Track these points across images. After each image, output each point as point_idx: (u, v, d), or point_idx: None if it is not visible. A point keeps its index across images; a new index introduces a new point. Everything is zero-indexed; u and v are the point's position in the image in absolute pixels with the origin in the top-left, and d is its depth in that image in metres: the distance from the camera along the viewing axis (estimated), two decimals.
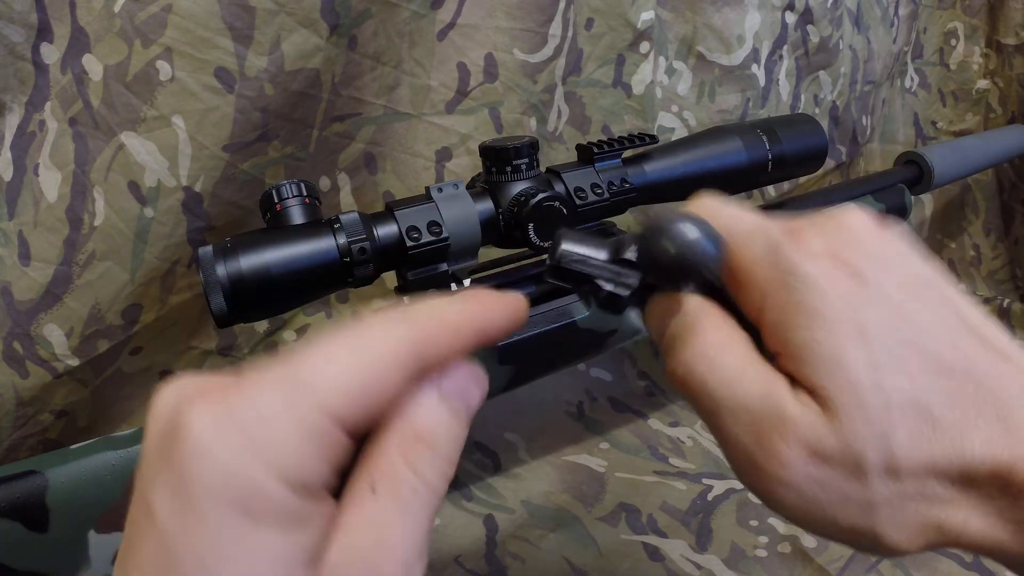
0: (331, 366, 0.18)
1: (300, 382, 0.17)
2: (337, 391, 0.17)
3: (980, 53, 0.94)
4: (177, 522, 0.16)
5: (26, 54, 0.47)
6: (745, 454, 0.22)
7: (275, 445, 0.16)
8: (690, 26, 0.66)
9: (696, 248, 0.21)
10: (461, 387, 0.21)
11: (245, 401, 0.17)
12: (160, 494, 0.16)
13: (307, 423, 0.17)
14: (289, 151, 0.52)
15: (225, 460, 0.16)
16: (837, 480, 0.20)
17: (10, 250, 0.48)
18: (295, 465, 0.16)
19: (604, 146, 0.46)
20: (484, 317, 0.22)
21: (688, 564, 0.49)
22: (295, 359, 0.18)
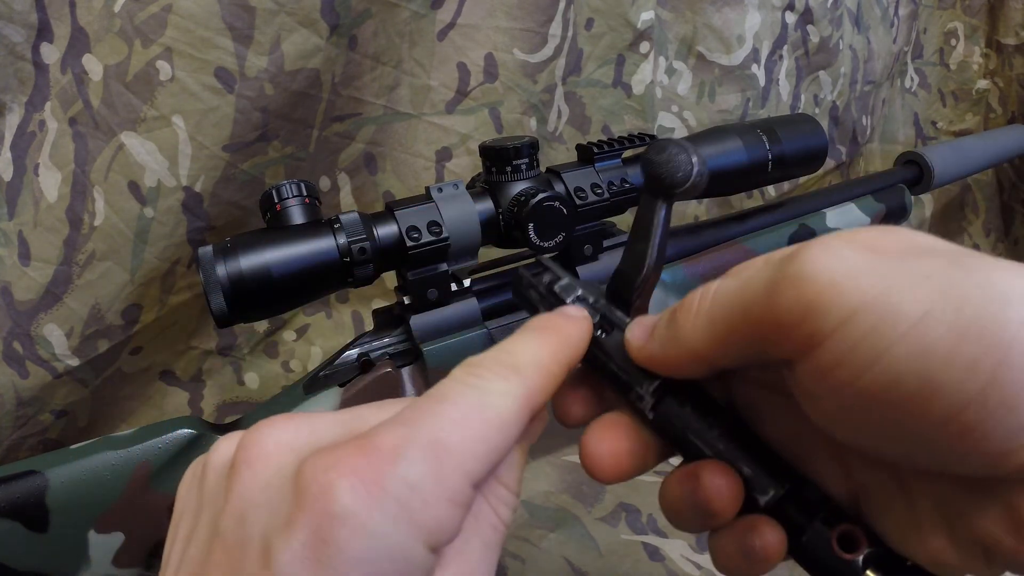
0: (467, 431, 0.18)
1: (443, 449, 0.18)
2: (476, 458, 0.18)
3: (980, 53, 0.94)
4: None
5: (26, 54, 0.47)
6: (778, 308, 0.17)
7: (424, 512, 0.17)
8: (690, 26, 0.66)
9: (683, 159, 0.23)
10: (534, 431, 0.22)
11: (394, 471, 0.17)
12: (293, 550, 0.16)
13: (453, 490, 0.18)
14: (289, 151, 0.52)
15: (380, 531, 0.16)
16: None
17: (10, 250, 0.48)
18: (441, 528, 0.17)
19: (604, 146, 0.46)
20: (569, 355, 0.23)
21: (688, 564, 0.49)
22: (428, 417, 0.19)
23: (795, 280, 0.17)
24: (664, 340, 0.21)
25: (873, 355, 0.15)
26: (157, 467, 0.38)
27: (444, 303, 0.43)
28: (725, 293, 0.19)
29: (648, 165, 0.24)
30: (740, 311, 0.18)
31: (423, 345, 0.42)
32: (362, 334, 0.44)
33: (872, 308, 0.15)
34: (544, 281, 0.27)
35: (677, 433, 0.22)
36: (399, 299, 0.45)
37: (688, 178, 0.24)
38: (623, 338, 0.24)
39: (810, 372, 0.17)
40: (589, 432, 0.23)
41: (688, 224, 0.52)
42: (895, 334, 0.15)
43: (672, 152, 0.24)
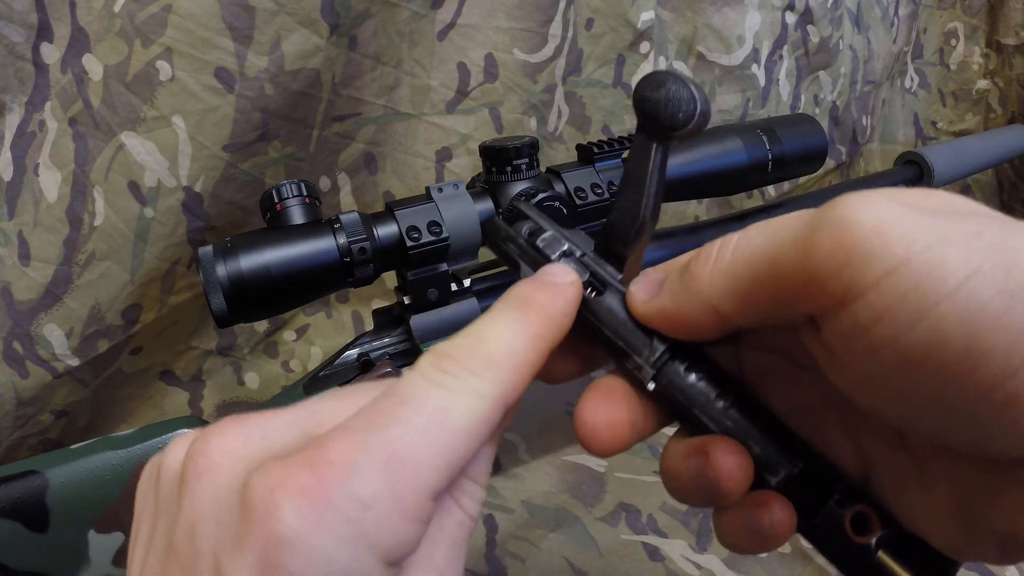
0: (430, 442, 0.17)
1: (400, 463, 0.16)
2: (438, 471, 0.17)
3: (980, 53, 0.94)
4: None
5: (26, 54, 0.47)
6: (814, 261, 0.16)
7: (379, 531, 0.16)
8: (690, 26, 0.66)
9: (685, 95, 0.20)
10: (508, 421, 0.21)
11: (345, 488, 0.16)
12: (243, 572, 0.15)
13: (411, 507, 0.16)
14: (289, 151, 0.52)
15: (330, 554, 0.15)
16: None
17: (10, 250, 0.48)
18: (398, 545, 0.16)
19: (604, 146, 0.46)
20: (552, 336, 0.20)
21: (688, 564, 0.49)
22: (387, 424, 0.17)
23: (836, 225, 0.15)
24: (676, 293, 0.19)
25: (918, 312, 0.14)
26: None
27: (444, 303, 0.43)
28: (751, 241, 0.17)
29: (644, 103, 0.21)
30: (768, 260, 0.17)
31: (423, 345, 0.42)
32: (362, 334, 0.44)
33: (919, 261, 0.14)
34: (524, 232, 0.24)
35: (680, 407, 0.21)
36: (399, 299, 0.45)
37: (691, 118, 0.20)
38: (620, 298, 0.21)
39: (843, 329, 0.15)
40: (582, 403, 0.21)
41: (688, 224, 0.52)
42: (943, 291, 0.14)
43: (672, 88, 0.20)
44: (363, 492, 0.16)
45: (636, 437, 0.21)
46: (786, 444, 0.20)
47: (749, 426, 0.20)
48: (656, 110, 0.20)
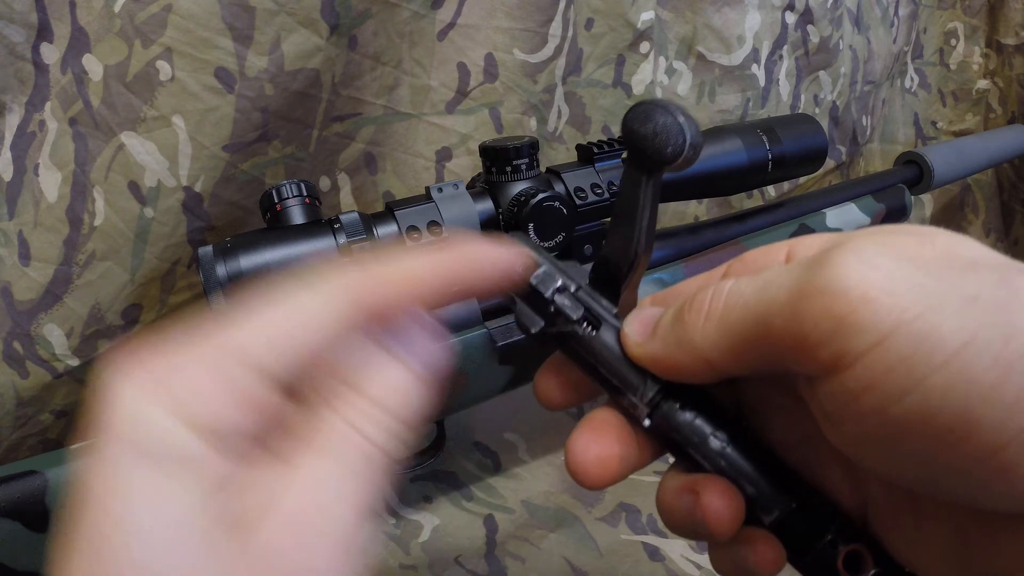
0: (258, 321, 0.17)
1: (224, 337, 0.16)
2: (260, 344, 0.16)
3: (980, 53, 0.94)
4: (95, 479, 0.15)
5: (26, 54, 0.47)
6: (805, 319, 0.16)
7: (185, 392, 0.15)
8: (690, 26, 0.66)
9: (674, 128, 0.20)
10: (416, 343, 0.19)
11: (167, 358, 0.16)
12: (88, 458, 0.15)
13: (223, 373, 0.16)
14: (289, 151, 0.52)
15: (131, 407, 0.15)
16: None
17: (10, 250, 0.48)
18: (205, 412, 0.15)
19: (604, 146, 0.46)
20: (458, 269, 0.19)
21: (688, 564, 0.49)
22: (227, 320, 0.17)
23: (825, 292, 0.15)
24: (669, 341, 0.19)
25: (907, 384, 0.14)
26: None
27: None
28: (741, 296, 0.17)
29: (632, 137, 0.21)
30: (758, 319, 0.16)
31: None
32: None
33: (910, 331, 0.14)
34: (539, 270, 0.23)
35: (675, 444, 0.21)
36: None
37: (680, 152, 0.20)
38: (615, 334, 0.21)
39: (834, 394, 0.15)
40: (574, 438, 0.21)
41: (688, 224, 0.52)
42: (934, 362, 0.14)
43: (660, 121, 0.20)
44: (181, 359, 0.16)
45: (627, 471, 0.21)
46: (781, 482, 0.20)
47: (744, 466, 0.20)
48: (645, 144, 0.20)
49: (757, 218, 0.53)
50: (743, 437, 0.20)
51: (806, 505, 0.19)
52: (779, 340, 0.16)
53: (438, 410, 0.44)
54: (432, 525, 0.52)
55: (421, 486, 0.56)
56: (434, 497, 0.55)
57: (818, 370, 0.15)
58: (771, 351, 0.16)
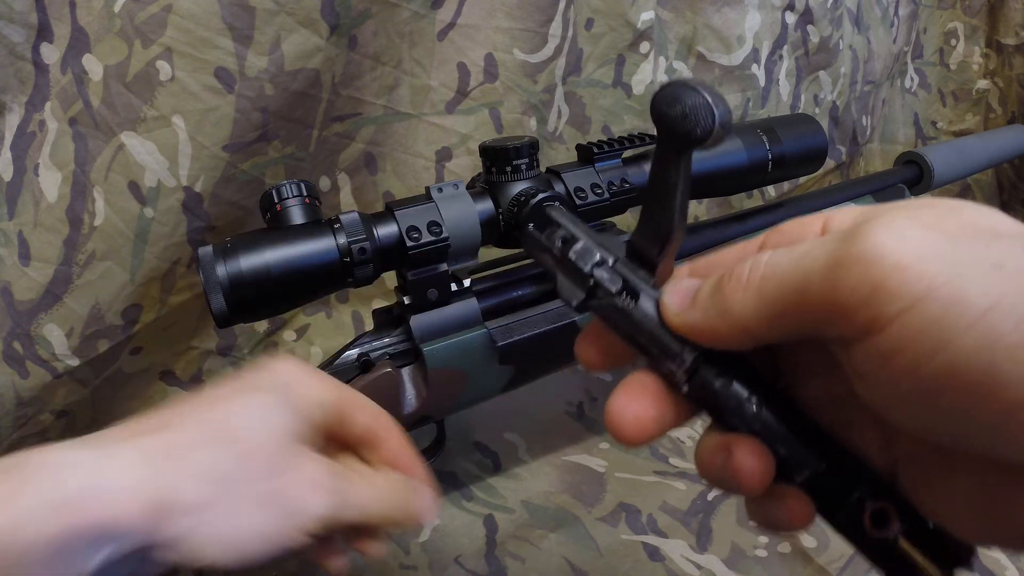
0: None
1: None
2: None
3: (980, 53, 0.94)
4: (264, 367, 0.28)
5: (26, 54, 0.47)
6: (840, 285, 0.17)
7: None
8: (690, 26, 0.66)
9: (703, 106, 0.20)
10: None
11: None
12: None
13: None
14: (289, 151, 0.52)
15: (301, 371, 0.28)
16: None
17: (10, 250, 0.48)
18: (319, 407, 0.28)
19: (604, 146, 0.46)
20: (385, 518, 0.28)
21: (688, 564, 0.49)
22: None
23: (860, 260, 0.16)
24: (708, 311, 0.20)
25: (937, 344, 0.15)
26: None
27: (444, 303, 0.43)
28: (779, 267, 0.18)
29: (664, 120, 0.21)
30: (796, 288, 0.17)
31: (423, 345, 0.42)
32: (362, 334, 0.44)
33: (939, 295, 0.15)
34: (557, 243, 0.24)
35: (711, 408, 0.21)
36: (399, 299, 0.45)
37: (710, 131, 0.20)
38: (654, 304, 0.22)
39: (868, 355, 0.16)
40: (613, 398, 0.22)
41: (688, 224, 0.52)
42: (962, 324, 0.15)
43: (688, 102, 0.20)
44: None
45: (663, 430, 0.22)
46: (812, 443, 0.20)
47: (776, 428, 0.20)
48: (675, 126, 0.21)
49: (757, 218, 0.53)
50: (777, 400, 0.21)
51: (835, 465, 0.20)
52: (816, 306, 0.17)
53: (439, 410, 0.44)
54: (432, 525, 0.52)
55: None
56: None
57: (854, 333, 0.16)
58: (808, 318, 0.17)
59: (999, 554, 0.49)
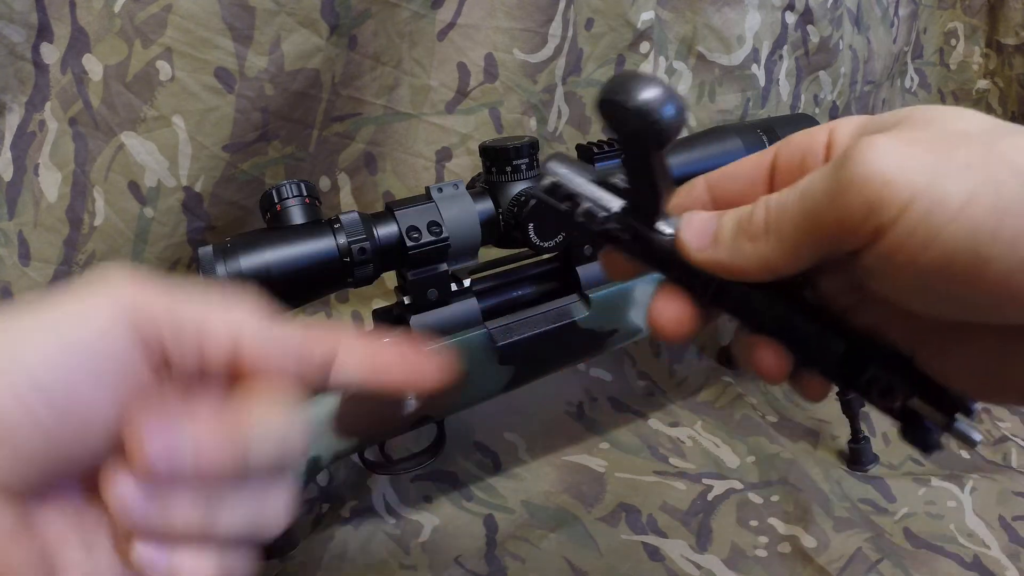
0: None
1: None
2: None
3: (980, 53, 0.94)
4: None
5: (26, 54, 0.47)
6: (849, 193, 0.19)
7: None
8: (690, 26, 0.66)
9: (656, 105, 0.21)
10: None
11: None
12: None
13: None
14: (289, 151, 0.52)
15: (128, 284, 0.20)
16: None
17: (10, 250, 0.48)
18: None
19: (604, 146, 0.46)
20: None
21: (688, 564, 0.49)
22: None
23: (853, 183, 0.19)
24: (732, 252, 0.22)
25: (928, 237, 0.18)
26: None
27: (444, 303, 0.43)
28: (789, 207, 0.21)
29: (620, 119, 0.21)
30: (807, 222, 0.20)
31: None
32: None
33: (923, 198, 0.18)
34: (561, 204, 0.25)
35: (736, 316, 0.24)
36: (399, 299, 0.45)
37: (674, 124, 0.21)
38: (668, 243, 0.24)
39: (875, 257, 0.19)
40: (654, 302, 0.25)
41: None
42: (945, 217, 0.18)
43: (645, 97, 0.21)
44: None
45: (700, 326, 0.25)
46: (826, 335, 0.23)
47: (793, 327, 0.23)
48: (636, 125, 0.21)
49: None
50: (792, 300, 0.24)
51: (849, 349, 0.23)
52: (827, 230, 0.20)
53: (439, 410, 0.44)
54: (432, 525, 0.52)
55: (421, 486, 0.56)
56: (434, 497, 0.55)
57: (862, 243, 0.19)
58: (822, 241, 0.20)
59: (999, 553, 0.49)
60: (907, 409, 0.23)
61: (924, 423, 0.23)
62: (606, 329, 0.47)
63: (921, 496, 0.54)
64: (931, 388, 0.23)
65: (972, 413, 0.22)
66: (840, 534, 0.50)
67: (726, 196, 0.25)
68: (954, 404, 0.22)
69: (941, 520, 0.52)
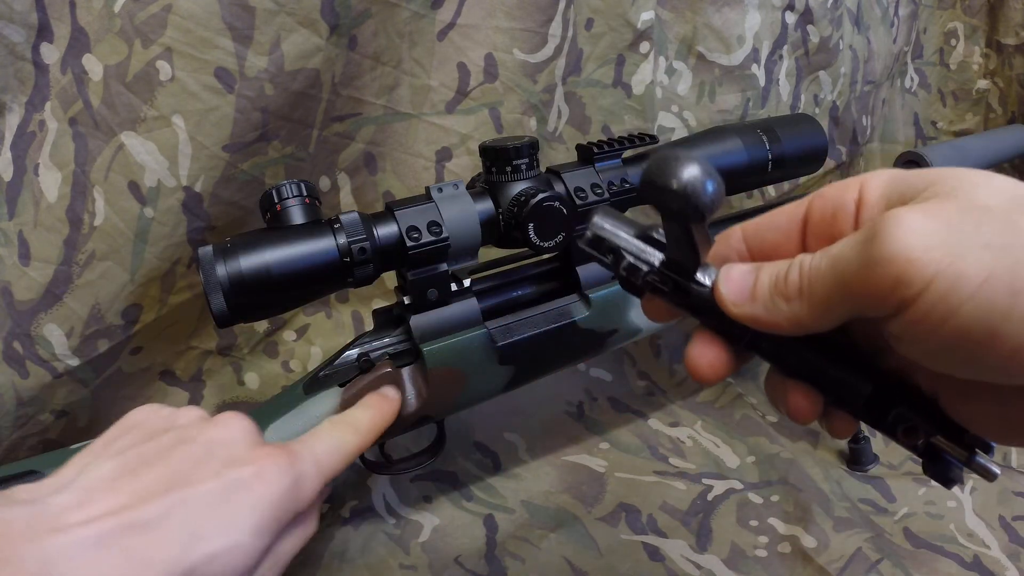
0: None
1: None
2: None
3: (980, 53, 0.94)
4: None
5: (26, 54, 0.47)
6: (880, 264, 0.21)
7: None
8: (690, 26, 0.66)
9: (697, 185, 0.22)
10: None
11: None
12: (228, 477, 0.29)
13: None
14: (289, 151, 0.52)
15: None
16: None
17: (10, 250, 0.48)
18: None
19: (604, 146, 0.46)
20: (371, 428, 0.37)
21: (688, 564, 0.49)
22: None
23: (880, 261, 0.20)
24: (769, 308, 0.24)
25: (948, 312, 0.19)
26: None
27: (444, 303, 0.43)
28: (821, 272, 0.23)
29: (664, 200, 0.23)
30: (837, 284, 0.22)
31: (423, 345, 0.42)
32: (362, 334, 0.44)
33: (945, 276, 0.19)
34: (605, 257, 0.27)
35: (770, 360, 0.26)
36: (399, 299, 0.45)
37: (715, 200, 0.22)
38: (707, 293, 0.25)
39: (900, 325, 0.21)
40: (691, 345, 0.27)
41: None
42: (964, 295, 0.19)
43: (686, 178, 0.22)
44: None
45: (732, 370, 0.27)
46: (854, 378, 0.25)
47: (826, 373, 0.25)
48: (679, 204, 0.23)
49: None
50: (827, 348, 0.25)
51: (876, 392, 0.25)
52: (856, 298, 0.22)
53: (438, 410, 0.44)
54: (432, 525, 0.52)
55: (421, 486, 0.56)
56: (434, 497, 0.55)
57: (888, 312, 0.21)
58: (851, 306, 0.22)
59: (999, 553, 0.49)
60: (930, 446, 0.24)
61: (945, 458, 0.24)
62: (606, 329, 0.47)
63: (921, 496, 0.54)
64: (952, 427, 0.24)
65: (991, 449, 0.24)
66: (840, 534, 0.50)
67: (762, 246, 0.27)
68: (974, 441, 0.24)
69: (941, 520, 0.52)
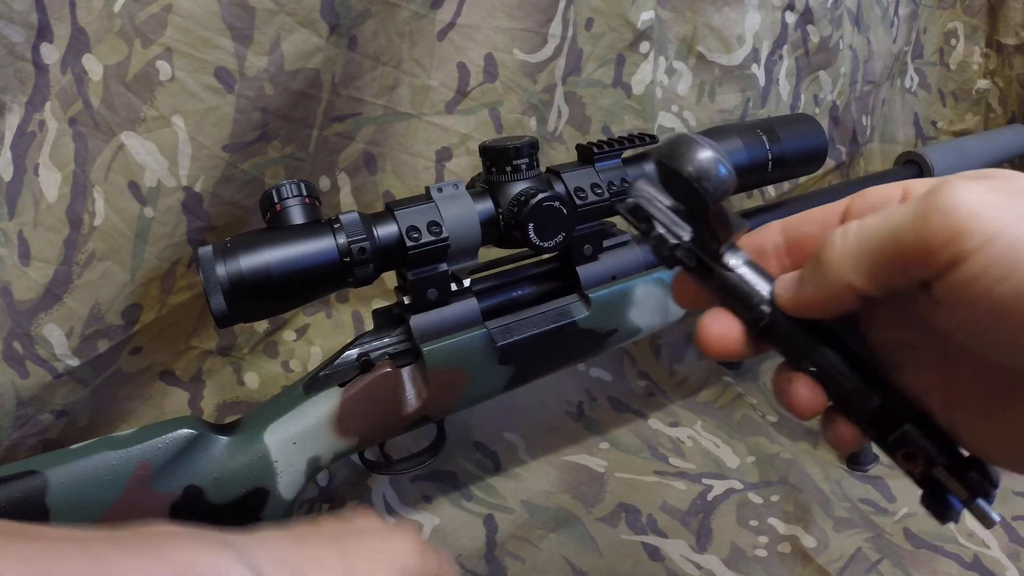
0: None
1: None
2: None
3: (980, 53, 0.94)
4: None
5: (26, 54, 0.47)
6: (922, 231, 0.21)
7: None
8: (690, 26, 0.66)
9: (711, 168, 0.22)
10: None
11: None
12: None
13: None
14: (289, 151, 0.52)
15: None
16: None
17: (10, 250, 0.48)
18: None
19: (604, 146, 0.46)
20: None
21: (688, 564, 0.49)
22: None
23: (942, 211, 0.20)
24: (816, 279, 0.24)
25: (1006, 271, 0.19)
26: (157, 467, 0.38)
27: (444, 303, 0.43)
28: (870, 226, 0.22)
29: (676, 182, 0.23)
30: (888, 239, 0.22)
31: (423, 345, 0.42)
32: (362, 334, 0.44)
33: (1006, 233, 0.19)
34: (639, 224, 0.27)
35: (783, 350, 0.26)
36: (399, 299, 0.45)
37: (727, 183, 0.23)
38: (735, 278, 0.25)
39: (951, 285, 0.20)
40: (704, 317, 0.26)
41: None
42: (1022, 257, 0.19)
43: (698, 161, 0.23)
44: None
45: (741, 352, 0.26)
46: (865, 387, 0.24)
47: (839, 371, 0.24)
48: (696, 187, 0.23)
49: (757, 218, 0.53)
50: (841, 348, 0.25)
51: (880, 412, 0.24)
52: (908, 251, 0.21)
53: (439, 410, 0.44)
54: (432, 525, 0.52)
55: (421, 486, 0.56)
56: (434, 497, 0.55)
57: (939, 268, 0.20)
58: (901, 262, 0.21)
59: (999, 553, 0.49)
60: (931, 477, 0.24)
61: (945, 494, 0.23)
62: (606, 329, 0.47)
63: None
64: (957, 460, 0.23)
65: (996, 486, 0.23)
66: (840, 534, 0.50)
67: (799, 239, 0.27)
68: (978, 477, 0.23)
69: None
